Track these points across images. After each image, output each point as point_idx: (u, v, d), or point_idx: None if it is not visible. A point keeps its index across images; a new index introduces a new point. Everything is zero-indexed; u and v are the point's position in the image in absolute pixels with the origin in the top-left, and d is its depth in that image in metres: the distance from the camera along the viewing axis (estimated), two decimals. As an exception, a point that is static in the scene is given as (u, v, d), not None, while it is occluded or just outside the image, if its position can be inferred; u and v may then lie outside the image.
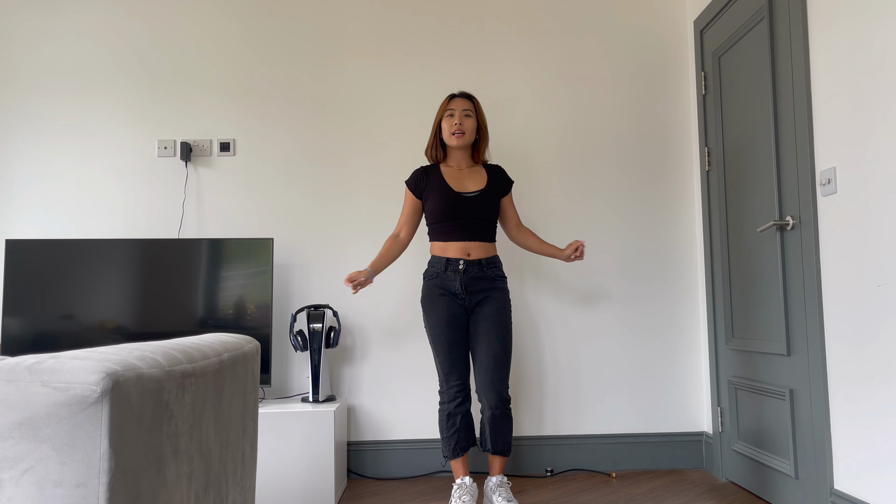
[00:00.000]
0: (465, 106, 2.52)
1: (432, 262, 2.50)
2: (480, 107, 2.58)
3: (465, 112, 2.51)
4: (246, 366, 1.31)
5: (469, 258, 2.45)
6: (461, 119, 2.50)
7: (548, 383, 3.12)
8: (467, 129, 2.50)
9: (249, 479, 1.36)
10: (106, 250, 2.84)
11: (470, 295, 2.45)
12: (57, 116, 3.15)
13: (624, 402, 3.12)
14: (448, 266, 2.45)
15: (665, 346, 3.14)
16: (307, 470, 2.59)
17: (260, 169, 3.15)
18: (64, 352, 0.84)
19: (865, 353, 1.99)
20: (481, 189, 2.51)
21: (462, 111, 2.51)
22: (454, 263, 2.45)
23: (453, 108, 2.52)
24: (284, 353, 3.08)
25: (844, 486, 2.10)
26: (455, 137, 2.49)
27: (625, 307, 3.15)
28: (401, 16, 3.22)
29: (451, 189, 2.48)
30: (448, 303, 2.45)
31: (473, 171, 2.56)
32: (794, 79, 2.29)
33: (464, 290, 2.44)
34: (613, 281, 3.15)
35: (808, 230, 2.22)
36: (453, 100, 2.54)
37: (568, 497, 2.68)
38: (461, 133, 2.49)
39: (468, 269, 2.44)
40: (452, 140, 2.50)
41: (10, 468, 0.75)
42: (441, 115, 2.53)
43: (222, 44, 3.19)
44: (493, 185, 2.54)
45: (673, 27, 3.26)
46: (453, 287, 2.45)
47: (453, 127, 2.49)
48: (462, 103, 2.52)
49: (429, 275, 2.50)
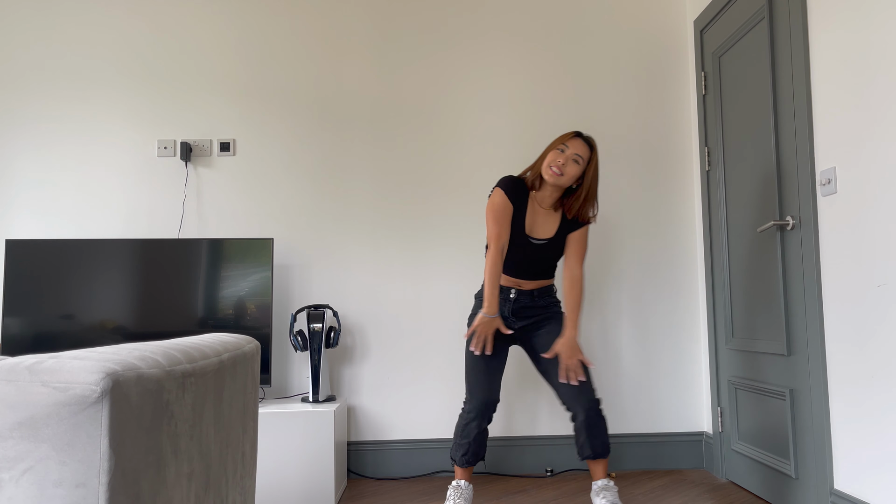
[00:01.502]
0: (579, 150, 2.30)
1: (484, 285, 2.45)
2: (596, 162, 2.34)
3: (576, 157, 2.30)
4: (246, 366, 1.31)
5: (520, 288, 2.40)
6: (567, 160, 2.29)
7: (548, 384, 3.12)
8: (567, 173, 2.29)
9: (249, 479, 1.36)
10: (106, 250, 2.84)
11: (519, 319, 2.40)
12: (57, 117, 3.14)
13: (624, 402, 3.12)
14: (500, 293, 2.40)
15: (665, 345, 3.14)
16: (307, 470, 2.59)
17: (260, 169, 3.15)
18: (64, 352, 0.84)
19: (865, 352, 1.99)
20: (550, 238, 2.39)
21: (574, 154, 2.30)
22: (505, 291, 2.40)
23: (567, 146, 2.31)
24: (284, 353, 3.08)
25: (844, 486, 2.10)
26: (552, 173, 2.29)
27: (625, 307, 3.15)
28: (401, 16, 3.23)
29: (522, 228, 2.37)
30: None
31: (550, 214, 2.41)
32: (794, 79, 2.29)
33: (512, 315, 2.40)
34: (613, 281, 3.15)
35: (808, 230, 2.22)
36: (573, 139, 2.32)
37: (568, 497, 2.68)
38: (559, 174, 2.28)
39: (519, 299, 2.40)
40: (547, 173, 2.30)
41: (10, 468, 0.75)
42: (553, 144, 2.34)
43: (222, 44, 3.19)
44: (563, 232, 2.40)
45: (673, 27, 3.26)
46: (501, 311, 2.40)
47: (555, 163, 2.29)
48: (578, 146, 2.31)
49: (480, 295, 2.46)
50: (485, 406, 2.34)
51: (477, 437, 2.35)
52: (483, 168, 3.18)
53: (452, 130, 3.19)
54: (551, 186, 2.35)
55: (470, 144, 3.18)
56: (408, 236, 3.15)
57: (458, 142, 3.18)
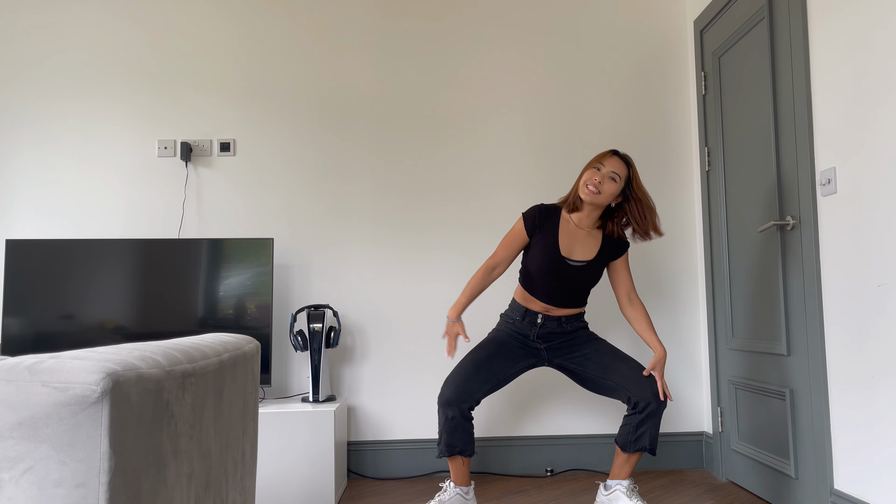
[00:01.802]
0: (615, 168, 2.30)
1: (513, 307, 2.45)
2: (637, 178, 2.35)
3: (612, 175, 2.29)
4: (246, 366, 1.31)
5: (548, 313, 2.39)
6: (604, 178, 2.29)
7: (548, 383, 3.12)
8: (604, 191, 2.29)
9: (249, 479, 1.36)
10: (106, 250, 2.84)
11: (545, 342, 2.41)
12: (57, 116, 3.15)
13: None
14: (526, 316, 2.40)
15: (665, 345, 3.14)
16: (307, 470, 2.59)
17: (260, 169, 3.15)
18: (64, 352, 0.84)
19: (865, 352, 1.99)
20: (588, 260, 2.36)
21: (610, 172, 2.30)
22: (532, 316, 2.40)
23: (604, 164, 2.31)
24: (284, 353, 3.08)
25: (844, 486, 2.10)
26: (588, 192, 2.29)
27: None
28: (401, 16, 3.23)
29: (557, 251, 2.34)
30: (513, 336, 2.41)
31: (590, 236, 2.38)
32: (794, 79, 2.29)
33: (538, 339, 2.41)
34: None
35: (808, 230, 2.22)
36: (609, 157, 2.33)
37: (568, 497, 2.68)
38: (596, 192, 2.28)
39: (546, 324, 2.39)
40: (584, 191, 2.30)
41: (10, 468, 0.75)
42: (590, 164, 2.35)
43: (223, 44, 3.19)
44: (604, 255, 2.38)
45: (673, 27, 3.26)
46: (527, 334, 2.41)
47: (591, 181, 2.29)
48: (614, 164, 2.31)
49: (506, 316, 2.47)
50: (447, 400, 2.28)
51: (445, 424, 2.29)
52: (483, 168, 3.18)
53: (452, 130, 3.19)
54: (589, 206, 2.35)
55: (470, 145, 3.18)
56: (408, 236, 3.15)
57: (458, 142, 3.18)
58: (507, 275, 3.12)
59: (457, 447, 2.30)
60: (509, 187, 3.17)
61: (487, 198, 3.17)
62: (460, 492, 2.35)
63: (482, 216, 3.16)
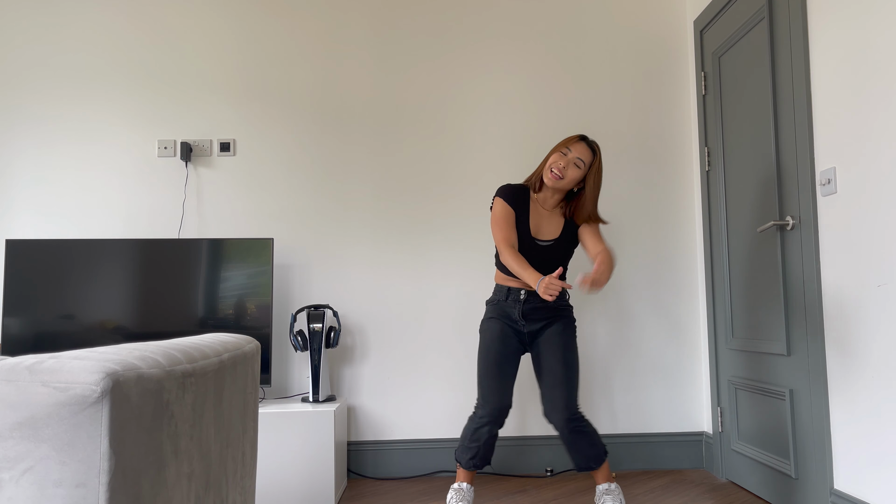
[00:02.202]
0: (581, 154, 2.29)
1: (496, 290, 2.42)
2: (599, 166, 2.32)
3: (577, 161, 2.28)
4: (246, 366, 1.31)
5: (530, 289, 2.35)
6: (569, 164, 2.28)
7: (548, 383, 3.12)
8: (567, 177, 2.28)
9: (249, 479, 1.36)
10: (106, 250, 2.84)
11: (529, 322, 2.36)
12: (57, 117, 3.15)
13: (624, 402, 3.12)
14: (509, 295, 2.36)
15: (665, 346, 3.14)
16: (307, 470, 2.59)
17: (260, 169, 3.15)
18: (64, 352, 0.84)
19: (865, 352, 1.99)
20: (555, 238, 2.37)
21: (575, 158, 2.28)
22: (515, 293, 2.35)
23: (570, 149, 2.29)
24: (284, 353, 3.08)
25: (844, 486, 2.10)
26: (551, 177, 2.29)
27: (625, 307, 3.15)
28: (401, 16, 3.23)
29: (528, 231, 2.35)
30: (504, 325, 2.36)
31: (553, 214, 2.39)
32: (794, 79, 2.29)
33: (522, 318, 2.35)
34: (613, 281, 3.15)
35: (808, 230, 2.22)
36: (577, 142, 2.31)
37: (568, 497, 2.68)
38: (559, 177, 2.28)
39: (529, 300, 2.34)
40: (546, 176, 2.30)
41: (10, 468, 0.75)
42: (557, 147, 2.33)
43: (222, 44, 3.19)
44: (569, 231, 2.39)
45: (673, 27, 3.26)
46: (512, 314, 2.36)
47: (556, 166, 2.28)
48: (581, 150, 2.29)
49: (491, 301, 2.44)
50: (498, 412, 2.30)
51: (487, 441, 2.33)
52: (482, 168, 3.18)
53: (452, 131, 3.19)
54: (551, 189, 2.36)
55: (470, 145, 3.18)
56: (408, 236, 3.15)
57: (457, 142, 3.18)
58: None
59: (488, 459, 2.37)
60: (509, 187, 3.17)
61: (487, 198, 3.17)
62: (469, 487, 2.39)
63: (482, 216, 3.16)
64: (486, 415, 2.30)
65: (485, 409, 2.30)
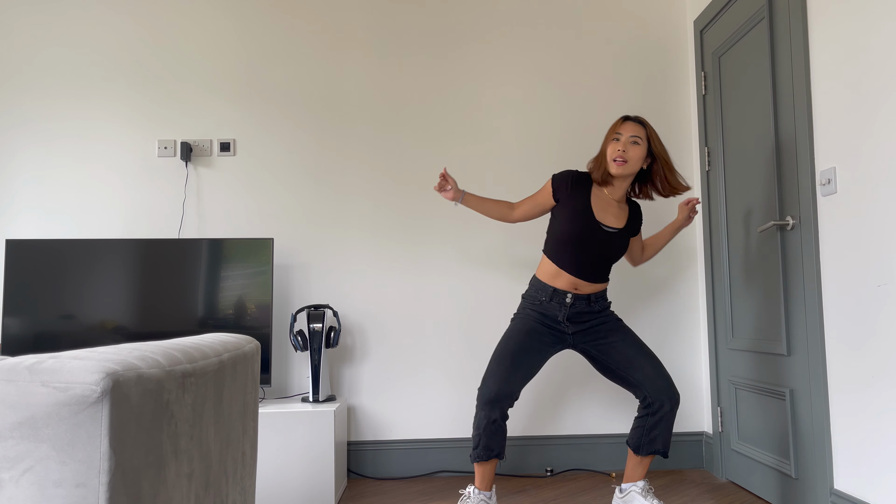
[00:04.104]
0: (633, 132, 2.27)
1: (537, 287, 2.33)
2: (655, 134, 2.31)
3: (633, 139, 2.27)
4: (246, 366, 1.31)
5: (577, 292, 2.31)
6: (626, 146, 2.26)
7: (548, 383, 3.12)
8: (631, 158, 2.26)
9: (249, 479, 1.36)
10: (106, 250, 2.84)
11: (574, 325, 2.31)
12: (57, 116, 3.15)
13: (624, 402, 3.12)
14: (554, 296, 2.30)
15: (665, 345, 3.14)
16: (307, 470, 2.59)
17: (260, 169, 3.15)
18: (64, 352, 0.84)
19: (865, 352, 1.99)
20: (620, 228, 2.33)
21: (630, 137, 2.27)
22: (560, 295, 2.30)
23: (620, 132, 2.29)
24: (284, 353, 3.08)
25: (844, 486, 2.10)
26: (616, 164, 2.25)
27: (625, 307, 3.15)
28: (401, 16, 3.23)
29: (592, 215, 2.29)
30: (539, 324, 2.31)
31: (620, 206, 2.37)
32: (794, 79, 2.29)
33: (567, 321, 2.31)
34: (613, 281, 3.15)
35: (808, 230, 2.22)
36: (623, 123, 2.31)
37: (568, 497, 2.68)
38: (623, 161, 2.25)
39: (575, 304, 2.30)
40: (613, 167, 2.26)
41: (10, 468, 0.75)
42: (608, 137, 2.32)
43: (222, 44, 3.19)
44: (632, 225, 2.38)
45: (673, 27, 3.26)
46: (555, 315, 2.31)
47: (616, 153, 2.26)
48: (631, 128, 2.28)
49: (529, 296, 2.36)
50: (494, 397, 2.19)
51: (487, 428, 2.21)
52: (483, 168, 3.18)
53: (452, 131, 3.19)
54: (619, 178, 2.32)
55: (470, 145, 3.18)
56: (408, 236, 3.15)
57: (458, 142, 3.18)
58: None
59: (495, 450, 2.24)
60: (510, 187, 3.17)
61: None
62: (484, 497, 2.26)
63: (482, 216, 3.15)
64: (481, 397, 2.22)
65: (481, 391, 2.22)
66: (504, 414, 2.22)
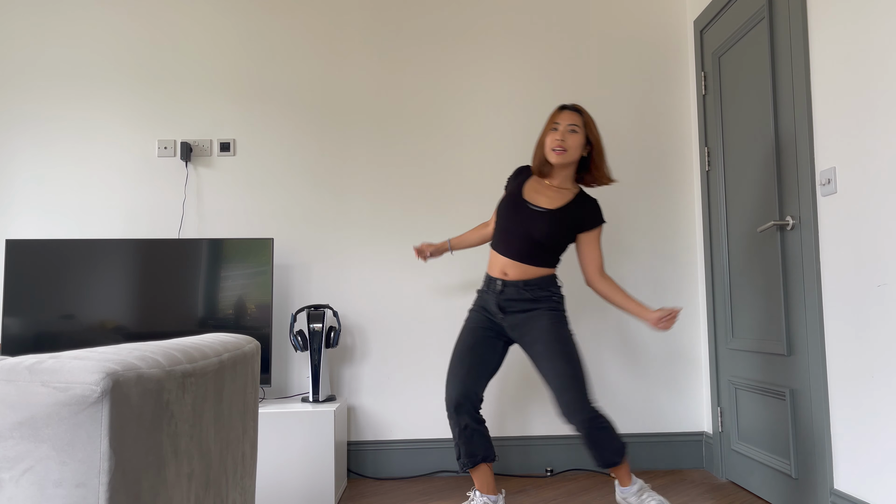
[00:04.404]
0: (571, 120, 2.27)
1: (485, 278, 2.39)
2: (592, 122, 2.31)
3: (571, 127, 2.26)
4: (246, 366, 1.31)
5: (506, 278, 2.28)
6: (564, 135, 2.26)
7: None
8: (570, 147, 2.25)
9: (249, 479, 1.36)
10: (106, 250, 2.84)
11: (506, 315, 2.27)
12: (57, 116, 3.14)
13: (624, 402, 3.12)
14: (489, 284, 2.32)
15: (665, 345, 3.14)
16: (307, 470, 2.59)
17: (260, 169, 3.15)
18: (64, 352, 0.84)
19: (865, 352, 1.99)
20: (551, 209, 2.27)
21: (567, 126, 2.26)
22: (493, 282, 2.30)
23: (558, 121, 2.28)
24: (284, 353, 3.08)
25: (844, 486, 2.10)
26: (556, 153, 2.24)
27: (625, 307, 3.15)
28: (400, 16, 3.23)
29: (520, 194, 2.31)
30: (479, 316, 2.32)
31: (560, 192, 2.32)
32: (794, 79, 2.29)
33: (500, 311, 2.27)
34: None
35: (808, 230, 2.22)
36: (560, 112, 2.31)
37: (568, 497, 2.68)
38: (562, 150, 2.24)
39: (504, 290, 2.27)
40: (552, 155, 2.25)
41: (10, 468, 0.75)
42: (546, 128, 2.32)
43: (222, 44, 3.19)
44: (570, 213, 2.28)
45: (673, 27, 3.26)
46: (490, 306, 2.30)
47: (554, 142, 2.25)
48: (569, 117, 2.28)
49: (478, 291, 2.40)
50: (454, 402, 2.19)
51: (461, 435, 2.21)
52: (482, 168, 3.18)
53: (453, 131, 3.19)
54: (560, 167, 2.31)
55: (470, 145, 3.18)
56: (408, 236, 3.14)
57: (458, 142, 3.18)
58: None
59: (478, 455, 2.22)
60: (509, 187, 3.17)
61: (488, 198, 3.17)
62: (489, 501, 2.25)
63: (483, 216, 3.15)
64: (446, 405, 2.24)
65: (446, 396, 2.24)
66: (474, 417, 2.21)
